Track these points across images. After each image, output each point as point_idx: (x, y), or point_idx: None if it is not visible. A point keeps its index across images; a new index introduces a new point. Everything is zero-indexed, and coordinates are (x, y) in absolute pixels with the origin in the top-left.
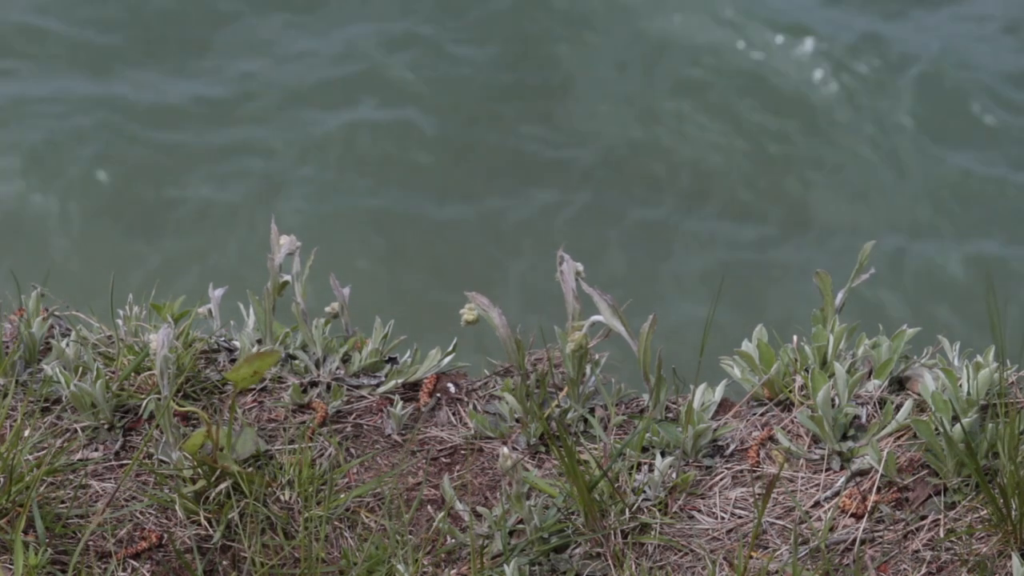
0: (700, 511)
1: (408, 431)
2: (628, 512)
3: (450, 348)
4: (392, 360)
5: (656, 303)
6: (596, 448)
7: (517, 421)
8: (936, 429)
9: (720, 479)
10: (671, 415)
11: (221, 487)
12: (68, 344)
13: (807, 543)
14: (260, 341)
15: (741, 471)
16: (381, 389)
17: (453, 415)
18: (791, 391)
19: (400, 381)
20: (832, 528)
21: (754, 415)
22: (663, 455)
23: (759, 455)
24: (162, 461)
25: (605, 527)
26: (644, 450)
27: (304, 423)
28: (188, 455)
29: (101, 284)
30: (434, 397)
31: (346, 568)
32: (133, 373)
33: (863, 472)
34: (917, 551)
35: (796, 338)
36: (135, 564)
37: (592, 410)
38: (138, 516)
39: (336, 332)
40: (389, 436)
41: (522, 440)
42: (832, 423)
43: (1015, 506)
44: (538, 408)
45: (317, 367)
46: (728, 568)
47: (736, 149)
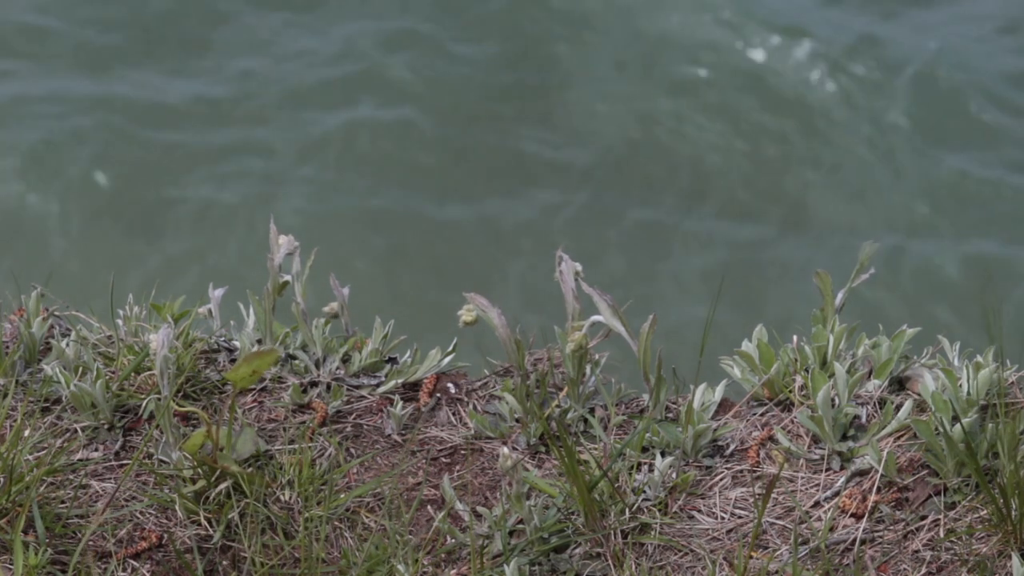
0: (700, 511)
1: (408, 431)
2: (628, 512)
3: (450, 348)
4: (392, 360)
5: (654, 303)
6: (596, 448)
7: (517, 421)
8: (936, 429)
9: (720, 479)
10: (671, 415)
11: (221, 487)
12: (68, 344)
13: (807, 543)
14: (260, 341)
15: (741, 471)
16: (381, 389)
17: (453, 415)
18: (791, 391)
19: (400, 381)
20: (832, 528)
21: (754, 415)
22: (663, 455)
23: (759, 455)
24: (162, 461)
25: (605, 527)
26: (644, 450)
27: (304, 423)
28: (188, 455)
29: (101, 284)
30: (434, 397)
31: (346, 568)
32: (133, 373)
33: (863, 472)
34: (917, 551)
35: (796, 338)
36: (135, 564)
37: (592, 410)
38: (138, 516)
39: (336, 332)
40: (389, 436)
41: (522, 440)
42: (832, 423)
43: (1015, 506)
44: (538, 408)
45: (317, 367)
46: (728, 568)
47: (735, 149)
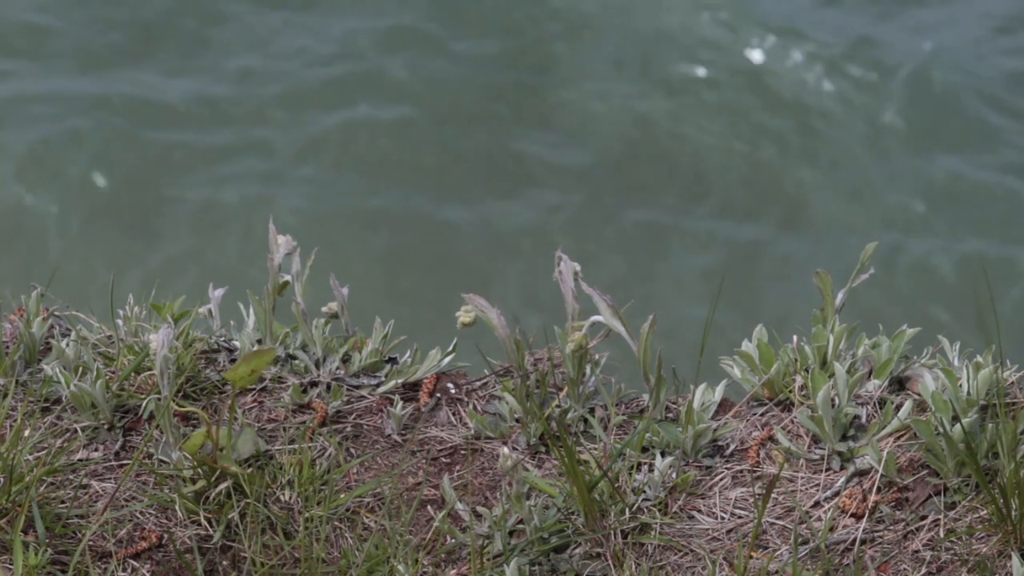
0: (700, 511)
1: (408, 431)
2: (628, 512)
3: (450, 348)
4: (392, 360)
5: (652, 302)
6: (596, 448)
7: (517, 421)
8: (936, 429)
9: (720, 479)
10: (671, 415)
11: (221, 487)
12: (68, 344)
13: (807, 543)
14: (260, 341)
15: (741, 471)
16: (381, 389)
17: (453, 415)
18: (791, 391)
19: (400, 381)
20: (832, 528)
21: (754, 415)
22: (663, 455)
23: (759, 455)
24: (162, 461)
25: (605, 527)
26: (644, 450)
27: (304, 423)
28: (188, 455)
29: (101, 284)
30: (434, 397)
31: (346, 568)
32: (133, 373)
33: (863, 472)
34: (917, 551)
35: (796, 338)
36: (135, 564)
37: (592, 410)
38: (138, 516)
39: (336, 332)
40: (389, 436)
41: (522, 440)
42: (832, 423)
43: (1015, 506)
44: (538, 408)
45: (317, 367)
46: (728, 568)
47: (733, 149)
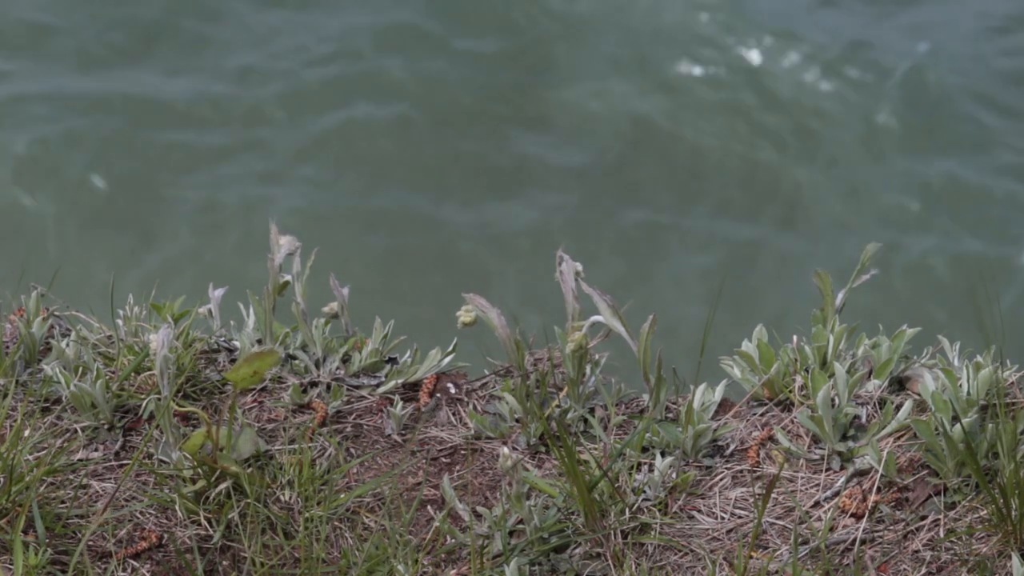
0: (700, 511)
1: (408, 431)
2: (628, 512)
3: (450, 348)
4: (392, 360)
5: (650, 302)
6: (596, 448)
7: (517, 421)
8: (936, 429)
9: (720, 479)
10: (671, 415)
11: (221, 487)
12: (68, 344)
13: (807, 543)
14: (260, 341)
15: (741, 471)
16: (381, 389)
17: (453, 415)
18: (791, 391)
19: (400, 381)
20: (832, 528)
21: (754, 415)
22: (663, 455)
23: (759, 455)
24: (162, 461)
25: (605, 527)
26: (644, 450)
27: (304, 423)
28: (188, 455)
29: (100, 284)
30: (434, 397)
31: (346, 568)
32: (133, 373)
33: (863, 472)
34: (917, 551)
35: (796, 338)
36: (135, 564)
37: (592, 410)
38: (138, 516)
39: (336, 332)
40: (389, 436)
41: (522, 440)
42: (832, 423)
43: (1015, 506)
44: (538, 408)
45: (317, 367)
46: (728, 568)
47: (730, 150)
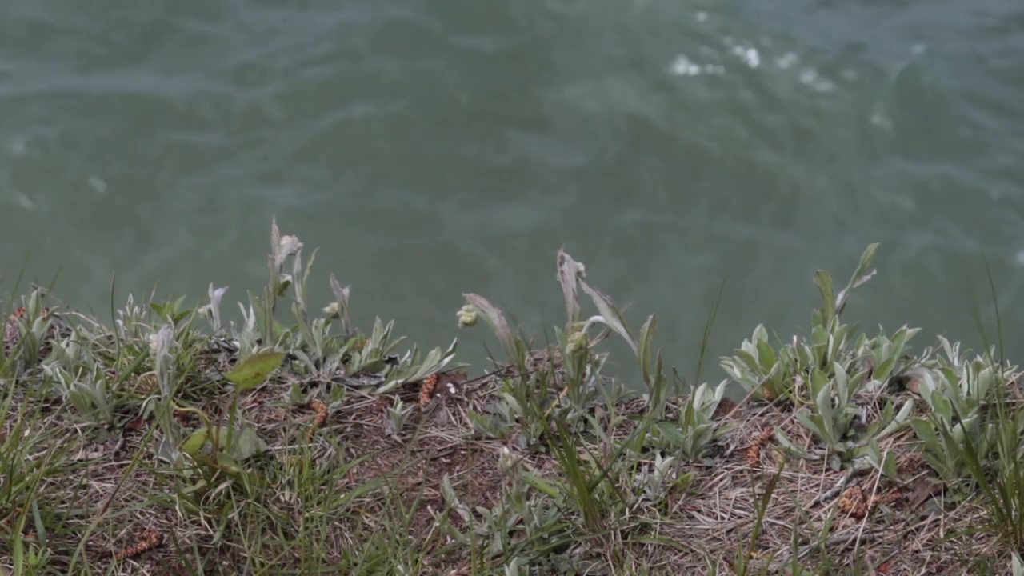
0: (700, 511)
1: (408, 431)
2: (628, 512)
3: (450, 348)
4: (392, 360)
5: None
6: (596, 448)
7: (517, 421)
8: (936, 429)
9: (720, 479)
10: (671, 415)
11: (221, 487)
12: (68, 344)
13: (807, 543)
14: (260, 341)
15: (741, 471)
16: (381, 389)
17: (453, 415)
18: (791, 391)
19: (400, 381)
20: (832, 528)
21: (754, 415)
22: (663, 455)
23: (759, 455)
24: (162, 461)
25: (605, 527)
26: (644, 450)
27: (304, 423)
28: (188, 455)
29: (99, 285)
30: (434, 397)
31: (346, 568)
32: (133, 373)
33: (863, 472)
34: (917, 551)
35: (796, 338)
36: (135, 564)
37: (592, 410)
38: (138, 516)
39: (336, 332)
40: (389, 436)
41: (522, 440)
42: (832, 423)
43: (1015, 506)
44: (538, 408)
45: (317, 367)
46: (728, 568)
47: (728, 150)
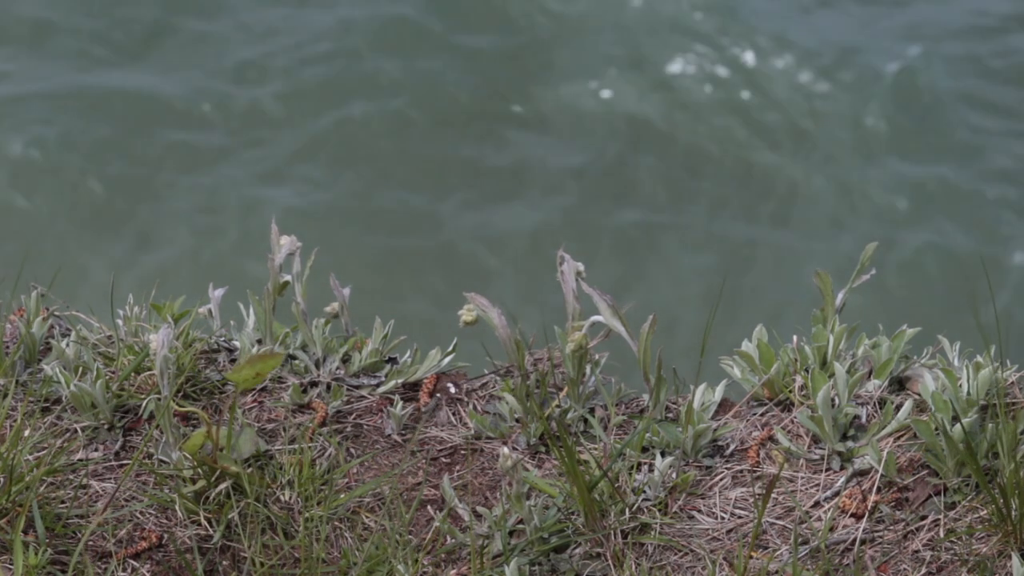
0: (700, 511)
1: (408, 431)
2: (628, 512)
3: (450, 348)
4: (392, 360)
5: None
6: (596, 448)
7: (517, 421)
8: (936, 429)
9: (720, 479)
10: (671, 415)
11: (221, 487)
12: (68, 344)
13: (807, 543)
14: (260, 341)
15: (741, 471)
16: (381, 389)
17: (453, 415)
18: (791, 391)
19: (400, 381)
20: (832, 528)
21: (754, 415)
22: (663, 455)
23: (759, 455)
24: (162, 461)
25: (605, 527)
26: (644, 450)
27: (304, 423)
28: (188, 455)
29: (98, 284)
30: (434, 397)
31: (346, 568)
32: (133, 373)
33: (863, 472)
34: (917, 551)
35: (796, 338)
36: (135, 564)
37: (592, 410)
38: (138, 516)
39: (336, 332)
40: (389, 436)
41: (522, 440)
42: (832, 423)
43: (1015, 506)
44: (538, 408)
45: (317, 367)
46: (728, 568)
47: (726, 150)
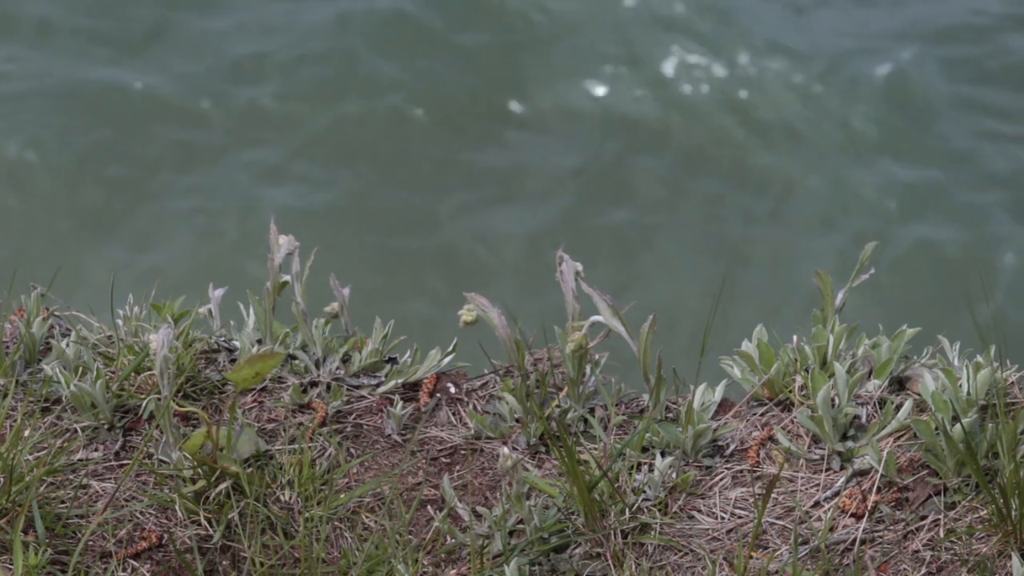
0: (700, 511)
1: (408, 431)
2: (628, 512)
3: (450, 348)
4: (392, 360)
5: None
6: (596, 448)
7: (517, 421)
8: (936, 429)
9: (720, 479)
10: (671, 415)
11: (221, 487)
12: (68, 344)
13: (807, 543)
14: (260, 341)
15: (741, 471)
16: (381, 389)
17: (453, 415)
18: (791, 391)
19: (400, 381)
20: (832, 528)
21: (754, 415)
22: (663, 455)
23: (759, 455)
24: (162, 461)
25: (605, 527)
26: (644, 450)
27: (304, 423)
28: (188, 455)
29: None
30: (434, 397)
31: (346, 568)
32: (133, 373)
33: (863, 472)
34: (917, 551)
35: (796, 338)
36: (135, 564)
37: (592, 410)
38: (138, 516)
39: (336, 332)
40: (389, 436)
41: (522, 440)
42: (832, 423)
43: (1015, 506)
44: (538, 408)
45: (317, 367)
46: (728, 568)
47: (725, 150)
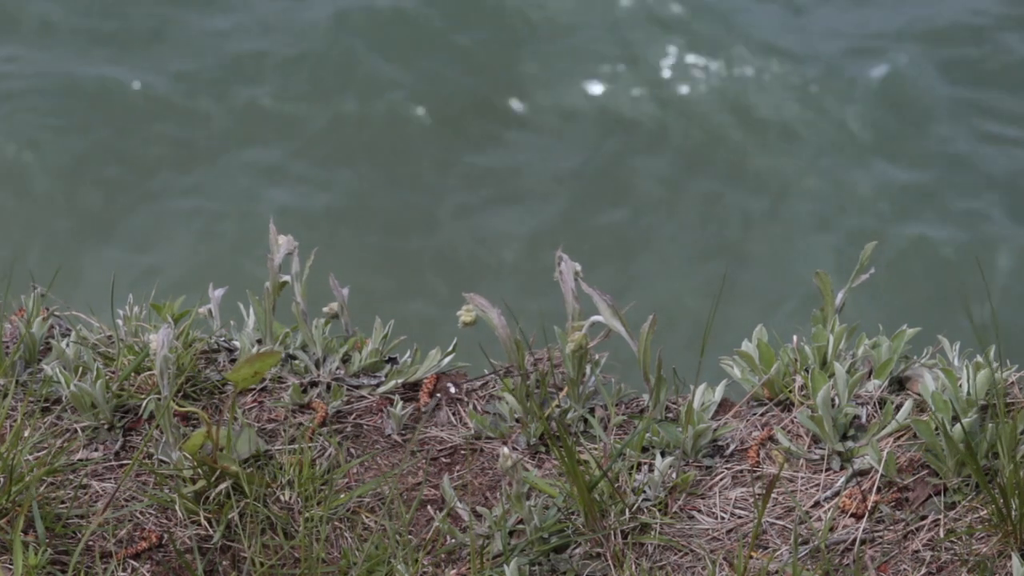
0: (700, 511)
1: (408, 431)
2: (628, 512)
3: (450, 348)
4: (392, 360)
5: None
6: (596, 448)
7: (517, 421)
8: (936, 429)
9: (720, 479)
10: (671, 415)
11: (221, 487)
12: (68, 344)
13: (807, 543)
14: (260, 341)
15: (741, 471)
16: (381, 389)
17: (453, 415)
18: (791, 391)
19: (400, 381)
20: (832, 528)
21: (754, 415)
22: (663, 455)
23: (759, 455)
24: (162, 461)
25: (605, 527)
26: (644, 450)
27: (304, 423)
28: (188, 455)
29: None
30: (434, 397)
31: (346, 568)
32: (133, 373)
33: (863, 472)
34: (917, 551)
35: (796, 338)
36: (135, 564)
37: (592, 410)
38: (138, 516)
39: (336, 332)
40: (389, 436)
41: (522, 440)
42: (832, 423)
43: (1015, 506)
44: (538, 408)
45: (317, 367)
46: (728, 568)
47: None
